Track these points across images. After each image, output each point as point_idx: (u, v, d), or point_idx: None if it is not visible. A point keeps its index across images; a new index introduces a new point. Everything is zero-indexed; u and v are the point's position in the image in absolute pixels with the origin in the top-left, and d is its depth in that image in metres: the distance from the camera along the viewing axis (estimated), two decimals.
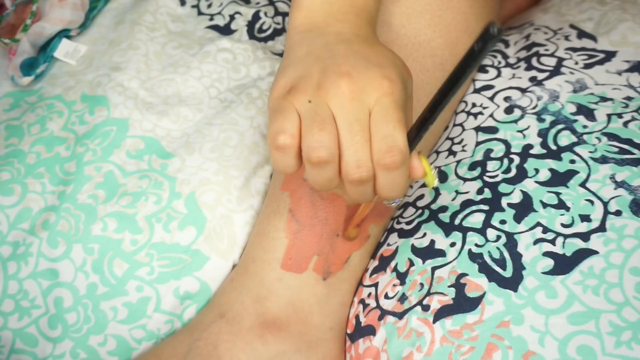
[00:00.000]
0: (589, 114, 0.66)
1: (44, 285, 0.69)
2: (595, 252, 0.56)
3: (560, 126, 0.66)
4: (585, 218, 0.58)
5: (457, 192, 0.65)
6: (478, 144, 0.69)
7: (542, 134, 0.66)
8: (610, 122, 0.64)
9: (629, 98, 0.66)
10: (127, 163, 0.74)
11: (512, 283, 0.56)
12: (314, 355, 0.64)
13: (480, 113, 0.72)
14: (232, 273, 0.70)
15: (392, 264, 0.64)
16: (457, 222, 0.62)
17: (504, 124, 0.69)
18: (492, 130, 0.70)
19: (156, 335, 0.69)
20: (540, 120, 0.68)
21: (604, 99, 0.67)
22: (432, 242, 0.62)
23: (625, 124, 0.64)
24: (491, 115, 0.71)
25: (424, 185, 0.69)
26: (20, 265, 0.70)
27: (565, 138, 0.65)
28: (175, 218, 0.71)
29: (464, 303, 0.57)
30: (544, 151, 0.64)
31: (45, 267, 0.70)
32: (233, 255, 0.71)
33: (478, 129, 0.71)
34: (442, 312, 0.57)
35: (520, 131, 0.68)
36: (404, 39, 0.66)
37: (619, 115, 0.65)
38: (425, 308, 0.58)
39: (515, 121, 0.69)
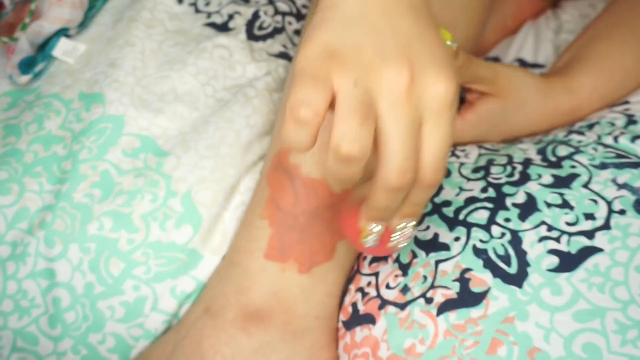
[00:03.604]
0: (580, 134, 0.69)
1: (42, 285, 0.69)
2: (600, 250, 0.55)
3: (555, 143, 0.68)
4: (590, 216, 0.58)
5: (461, 189, 0.65)
6: (481, 155, 0.70)
7: (541, 151, 0.68)
8: (601, 139, 0.67)
9: (613, 121, 0.70)
10: (123, 161, 0.73)
11: (517, 279, 0.56)
12: (300, 345, 0.63)
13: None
14: (218, 266, 0.69)
15: (394, 255, 0.63)
16: (461, 217, 0.62)
17: (504, 147, 0.72)
18: (494, 149, 0.71)
19: (153, 334, 0.68)
20: (537, 143, 0.71)
21: (590, 126, 0.70)
22: (436, 235, 0.62)
23: (615, 139, 0.66)
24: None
25: None
26: (19, 265, 0.70)
27: (564, 150, 0.66)
28: (171, 217, 0.70)
29: (468, 298, 0.56)
30: (545, 164, 0.65)
31: (44, 266, 0.69)
32: (223, 251, 0.70)
33: (480, 146, 0.72)
34: (446, 306, 0.57)
35: (521, 150, 0.69)
36: None
37: (608, 134, 0.67)
38: (429, 301, 0.58)
39: (515, 143, 0.72)
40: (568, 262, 0.56)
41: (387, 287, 0.62)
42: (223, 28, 0.84)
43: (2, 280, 0.69)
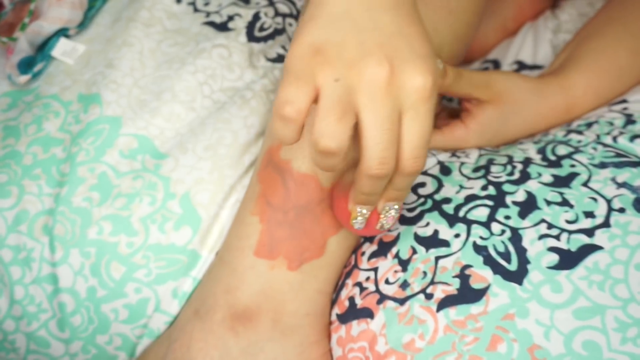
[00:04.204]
0: (579, 133, 0.69)
1: (48, 290, 0.69)
2: (600, 248, 0.55)
3: (555, 143, 0.69)
4: (590, 214, 0.58)
5: (461, 187, 0.65)
6: (481, 155, 0.70)
7: (541, 150, 0.68)
8: (600, 139, 0.67)
9: (612, 120, 0.70)
10: (121, 163, 0.73)
11: (517, 276, 0.56)
12: (289, 343, 0.63)
13: None
14: (210, 265, 0.69)
15: (394, 250, 0.63)
16: (461, 214, 0.62)
17: (504, 148, 0.72)
18: (494, 150, 0.72)
19: (156, 333, 0.69)
20: (536, 142, 0.71)
21: (589, 125, 0.70)
22: (436, 231, 0.62)
23: (614, 138, 0.66)
24: None
25: (424, 174, 0.69)
26: (25, 270, 0.70)
27: (563, 149, 0.67)
28: (170, 219, 0.70)
29: (468, 294, 0.56)
30: (545, 163, 0.65)
31: (48, 272, 0.70)
32: (218, 248, 0.70)
33: (480, 147, 0.73)
34: (446, 302, 0.57)
35: (521, 149, 0.69)
36: None
37: (607, 133, 0.67)
38: (429, 296, 0.58)
39: (514, 144, 0.73)
40: (568, 260, 0.56)
41: (387, 282, 0.61)
42: (222, 27, 0.84)
43: (9, 285, 0.70)
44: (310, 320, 0.64)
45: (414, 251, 0.62)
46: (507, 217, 0.60)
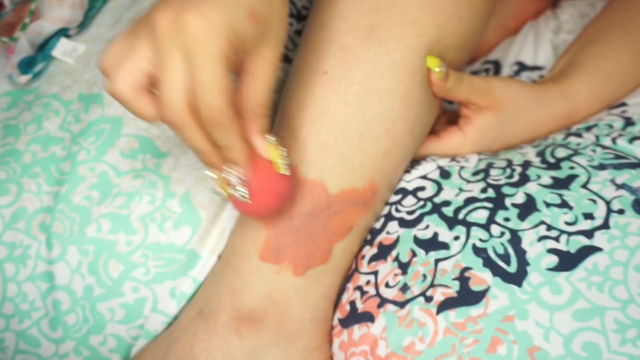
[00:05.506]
0: (578, 136, 0.69)
1: (42, 288, 0.69)
2: (600, 249, 0.55)
3: (554, 146, 0.69)
4: (589, 216, 0.58)
5: (461, 190, 0.65)
6: (480, 159, 0.70)
7: (540, 153, 0.68)
8: (599, 141, 0.67)
9: (611, 123, 0.70)
10: (121, 162, 0.73)
11: (517, 278, 0.56)
12: (293, 348, 0.63)
13: None
14: (214, 266, 0.69)
15: (394, 254, 0.63)
16: (460, 216, 0.62)
17: (504, 153, 0.72)
18: (494, 154, 0.72)
19: (153, 334, 0.68)
20: (535, 146, 0.71)
21: (588, 128, 0.70)
22: (436, 234, 0.62)
23: (614, 140, 0.66)
24: None
25: (423, 177, 0.69)
26: (19, 267, 0.70)
27: (562, 152, 0.67)
28: (170, 218, 0.70)
29: (468, 296, 0.56)
30: (544, 165, 0.65)
31: (43, 269, 0.69)
32: (220, 250, 0.70)
33: (479, 153, 0.72)
34: (446, 304, 0.57)
35: (520, 153, 0.70)
36: (389, 22, 0.65)
37: (606, 135, 0.67)
38: (429, 299, 0.58)
39: (514, 148, 0.73)
40: (567, 262, 0.56)
41: (387, 285, 0.62)
42: None
43: (2, 282, 0.70)
44: (314, 325, 0.64)
45: (414, 254, 0.62)
46: (507, 219, 0.60)
